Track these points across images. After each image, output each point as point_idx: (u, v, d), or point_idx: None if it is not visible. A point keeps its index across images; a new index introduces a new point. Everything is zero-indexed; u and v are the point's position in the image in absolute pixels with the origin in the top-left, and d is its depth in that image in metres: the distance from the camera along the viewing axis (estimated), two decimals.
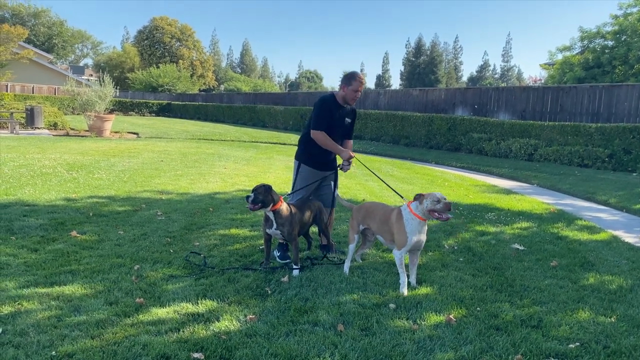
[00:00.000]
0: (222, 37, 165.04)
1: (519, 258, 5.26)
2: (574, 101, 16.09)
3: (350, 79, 4.84)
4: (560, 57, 25.60)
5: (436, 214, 4.09)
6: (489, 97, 19.08)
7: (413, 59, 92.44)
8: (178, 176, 9.90)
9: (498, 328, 3.55)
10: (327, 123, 4.85)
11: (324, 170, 5.06)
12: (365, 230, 4.78)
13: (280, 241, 4.91)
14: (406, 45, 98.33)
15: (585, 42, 23.99)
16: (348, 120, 5.08)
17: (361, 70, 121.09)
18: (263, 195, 4.36)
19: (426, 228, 4.29)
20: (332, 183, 5.18)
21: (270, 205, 4.41)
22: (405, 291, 4.13)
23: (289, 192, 5.20)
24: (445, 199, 4.10)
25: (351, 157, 4.87)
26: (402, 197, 4.95)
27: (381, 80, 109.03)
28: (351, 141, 5.26)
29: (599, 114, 15.35)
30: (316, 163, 5.01)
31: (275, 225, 4.49)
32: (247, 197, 4.36)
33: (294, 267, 4.52)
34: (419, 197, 4.18)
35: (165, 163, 11.83)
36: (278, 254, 4.94)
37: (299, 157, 5.09)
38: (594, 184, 10.83)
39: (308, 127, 4.99)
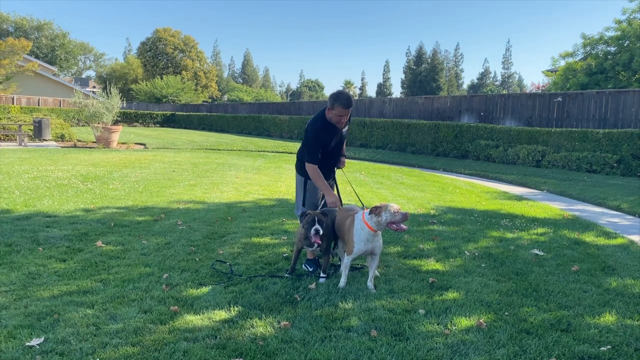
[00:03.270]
0: (223, 48, 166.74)
1: (539, 263, 5.31)
2: (581, 107, 16.17)
3: (334, 102, 4.56)
4: (562, 63, 25.72)
5: (394, 225, 4.17)
6: (495, 104, 19.18)
7: (414, 67, 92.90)
8: (192, 186, 9.98)
9: (528, 332, 3.60)
10: (321, 151, 4.70)
11: (327, 180, 4.95)
12: None
13: (309, 258, 4.97)
14: (407, 53, 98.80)
15: (588, 48, 24.10)
16: (345, 129, 4.92)
17: (362, 79, 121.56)
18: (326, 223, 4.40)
19: (379, 237, 4.34)
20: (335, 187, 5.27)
21: None
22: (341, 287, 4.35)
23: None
24: (399, 209, 4.17)
25: (335, 202, 4.70)
26: (362, 205, 4.92)
27: (382, 89, 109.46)
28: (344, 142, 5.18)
29: (606, 119, 15.42)
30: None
31: (315, 244, 4.43)
32: (316, 230, 4.29)
33: (322, 275, 4.56)
34: (375, 210, 4.21)
35: (177, 173, 11.92)
36: (310, 267, 4.92)
37: (303, 173, 4.94)
38: (604, 190, 10.88)
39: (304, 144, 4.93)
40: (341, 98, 4.56)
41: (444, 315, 3.83)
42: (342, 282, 4.40)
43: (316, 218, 4.35)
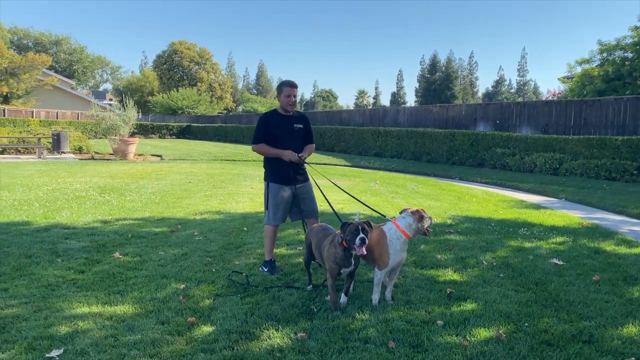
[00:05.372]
0: (238, 60, 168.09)
1: (559, 273, 5.22)
2: (598, 114, 15.97)
3: (280, 87, 5.16)
4: (579, 70, 25.45)
5: (429, 229, 4.17)
6: (511, 111, 19.04)
7: (428, 76, 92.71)
8: (208, 197, 10.03)
9: (549, 343, 3.53)
10: (262, 136, 5.08)
11: (291, 184, 5.12)
12: None
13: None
14: (420, 62, 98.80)
15: (605, 54, 23.84)
16: (298, 125, 5.21)
17: (376, 89, 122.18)
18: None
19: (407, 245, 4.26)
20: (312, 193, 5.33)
21: None
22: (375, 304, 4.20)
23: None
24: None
25: (294, 156, 4.98)
26: (381, 215, 4.85)
27: (396, 98, 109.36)
28: (312, 145, 5.37)
29: (625, 126, 15.20)
30: (281, 178, 5.11)
31: (353, 263, 4.10)
32: (362, 239, 3.85)
33: (345, 296, 4.31)
34: (416, 215, 4.10)
35: (193, 184, 12.00)
36: (266, 269, 5.10)
37: (266, 177, 5.25)
38: (624, 197, 10.70)
39: None
40: (286, 81, 5.21)
41: (463, 326, 3.78)
42: (376, 298, 4.23)
43: (360, 227, 3.92)
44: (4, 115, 31.50)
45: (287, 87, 5.09)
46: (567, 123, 16.93)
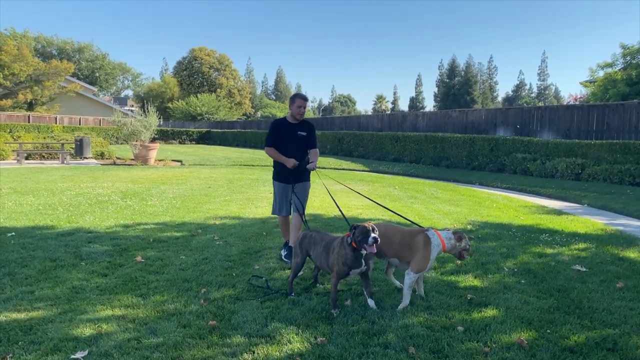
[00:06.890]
0: (256, 66, 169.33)
1: (582, 279, 5.15)
2: (622, 118, 15.72)
3: (293, 98, 5.85)
4: (601, 74, 25.13)
5: (465, 253, 4.36)
6: (532, 116, 18.84)
7: (447, 80, 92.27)
8: (227, 202, 10.12)
9: (572, 351, 3.49)
10: (273, 140, 5.78)
11: (290, 183, 5.83)
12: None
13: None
14: (439, 66, 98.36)
15: (628, 58, 23.52)
16: (302, 133, 5.86)
17: (394, 94, 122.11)
18: None
19: None
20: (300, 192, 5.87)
21: None
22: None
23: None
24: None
25: (295, 164, 5.60)
26: (419, 225, 4.82)
27: (415, 103, 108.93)
28: (315, 149, 5.98)
29: None
30: (283, 178, 5.85)
31: (364, 263, 4.17)
32: (375, 238, 3.97)
33: (371, 298, 4.34)
34: (457, 235, 4.31)
35: (213, 189, 12.11)
36: (285, 253, 5.71)
37: (273, 177, 6.06)
38: None
39: None
40: (298, 94, 5.93)
41: (484, 332, 3.76)
42: (405, 303, 4.24)
43: (370, 228, 4.02)
44: (29, 122, 32.13)
45: (300, 99, 5.78)
46: (590, 128, 16.70)
